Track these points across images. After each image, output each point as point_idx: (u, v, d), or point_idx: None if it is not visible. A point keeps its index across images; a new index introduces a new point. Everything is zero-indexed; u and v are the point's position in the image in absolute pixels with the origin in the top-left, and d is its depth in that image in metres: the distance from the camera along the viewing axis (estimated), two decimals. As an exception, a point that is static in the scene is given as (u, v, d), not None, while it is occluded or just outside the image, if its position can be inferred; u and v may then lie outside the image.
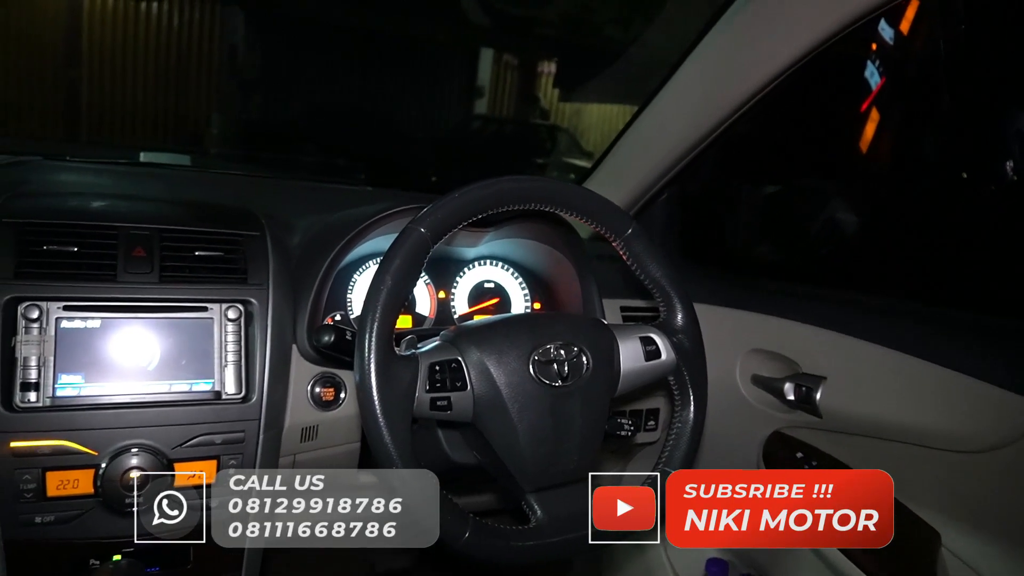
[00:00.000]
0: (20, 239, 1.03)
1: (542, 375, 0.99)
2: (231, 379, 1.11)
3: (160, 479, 1.04)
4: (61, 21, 5.33)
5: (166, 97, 5.51)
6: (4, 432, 0.98)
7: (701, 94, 1.44)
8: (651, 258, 1.10)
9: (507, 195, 1.00)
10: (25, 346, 1.01)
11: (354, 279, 1.34)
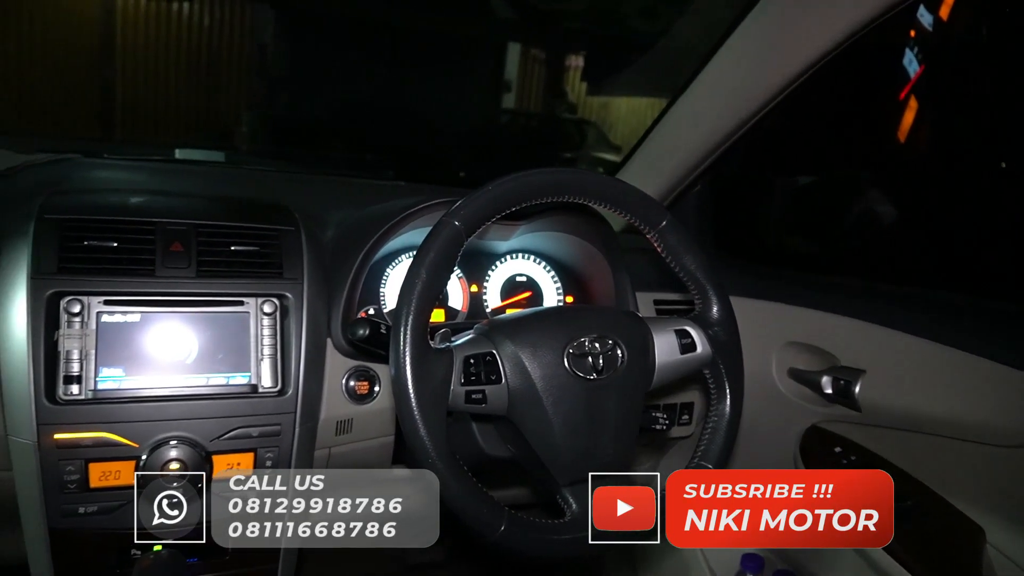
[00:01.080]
0: (62, 235, 1.05)
1: (577, 368, 0.98)
2: (267, 373, 1.12)
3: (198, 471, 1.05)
4: (95, 22, 5.42)
5: (198, 95, 5.58)
6: (48, 424, 1.00)
7: (735, 83, 1.42)
8: (686, 250, 1.09)
9: (540, 187, 0.99)
10: (67, 340, 1.03)
11: (387, 273, 1.34)
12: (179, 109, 5.43)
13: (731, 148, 1.50)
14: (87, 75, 5.30)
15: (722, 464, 1.09)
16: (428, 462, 0.89)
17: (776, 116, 1.45)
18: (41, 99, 5.06)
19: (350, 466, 1.26)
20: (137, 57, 5.46)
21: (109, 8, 5.47)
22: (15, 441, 1.00)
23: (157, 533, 1.06)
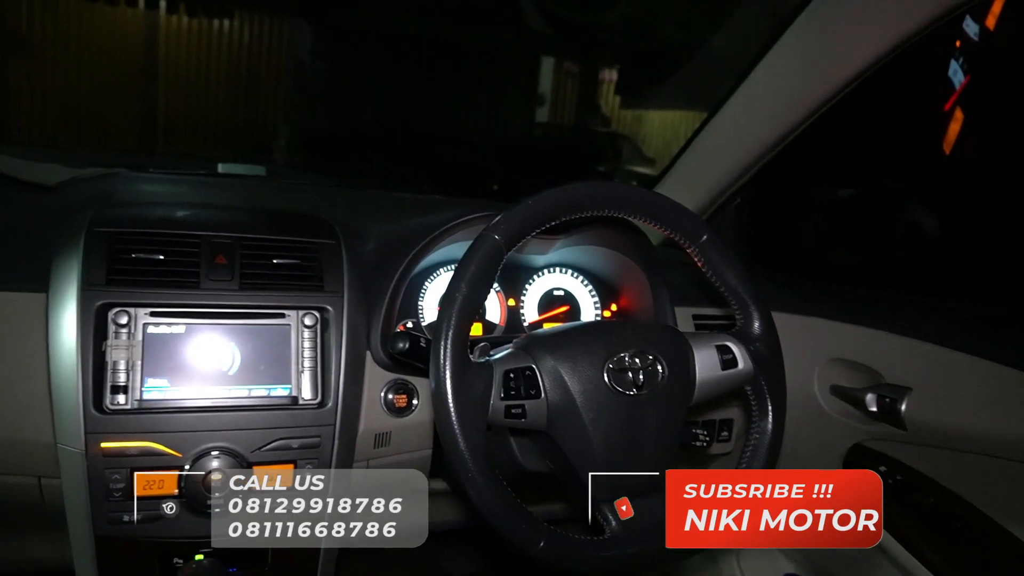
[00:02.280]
0: (111, 247, 1.07)
1: (617, 383, 0.97)
2: (307, 385, 1.13)
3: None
4: (139, 40, 5.57)
5: (239, 110, 5.70)
6: (95, 433, 1.01)
7: (777, 96, 1.41)
8: (727, 264, 1.08)
9: (580, 201, 0.99)
10: (115, 351, 1.04)
11: (425, 286, 1.35)
12: (221, 124, 5.55)
13: (772, 160, 1.48)
14: (132, 92, 5.44)
15: (764, 483, 1.07)
16: (468, 476, 0.89)
17: (816, 127, 1.43)
18: (89, 115, 5.21)
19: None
20: (179, 73, 5.60)
21: (152, 26, 5.62)
22: (64, 449, 1.02)
23: (199, 543, 1.08)
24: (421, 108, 5.50)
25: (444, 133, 5.33)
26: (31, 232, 1.16)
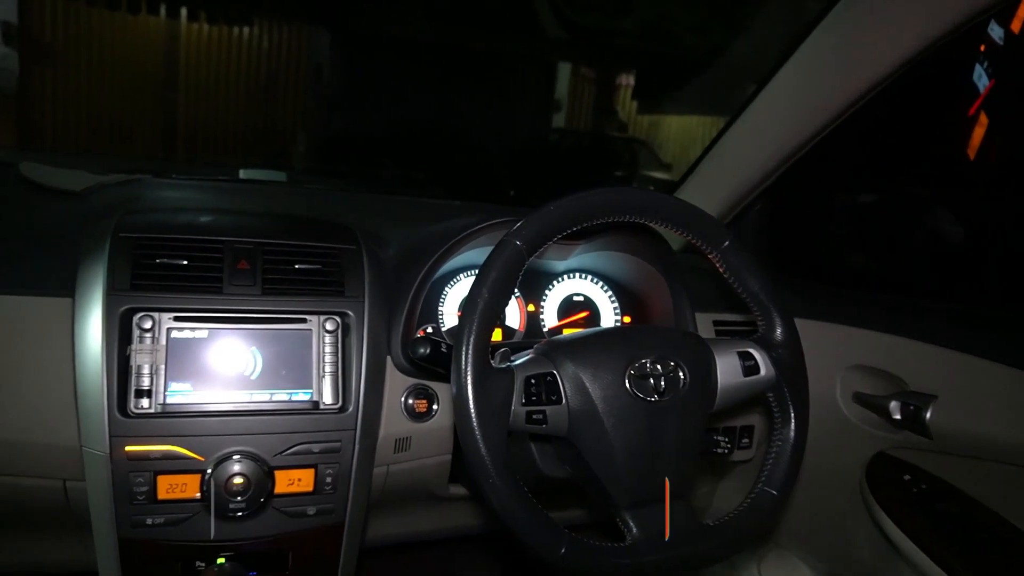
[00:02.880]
0: (136, 253, 1.08)
1: (638, 389, 0.97)
2: (328, 389, 1.13)
3: (260, 485, 1.07)
4: (161, 50, 5.64)
5: (259, 117, 5.76)
6: (120, 436, 1.02)
7: (800, 101, 1.40)
8: (749, 270, 1.07)
9: (601, 207, 0.99)
10: (139, 355, 1.05)
11: (445, 292, 1.35)
12: (241, 131, 5.61)
13: (794, 165, 1.48)
14: (155, 99, 5.52)
15: (787, 490, 1.07)
16: (488, 482, 0.89)
17: (836, 131, 1.42)
18: (113, 123, 5.29)
19: (408, 484, 1.26)
20: (200, 81, 5.67)
21: (173, 35, 5.70)
22: (89, 452, 1.03)
23: (220, 546, 1.09)
24: (438, 114, 5.53)
25: (461, 139, 5.35)
26: (58, 237, 1.17)
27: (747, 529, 1.04)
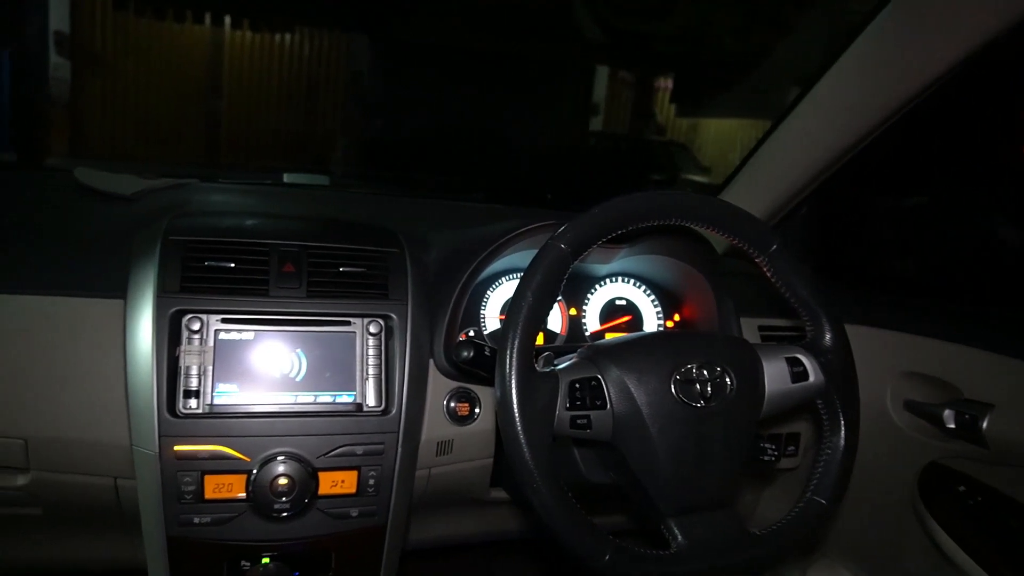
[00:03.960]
0: (185, 255, 1.10)
1: (684, 395, 0.96)
2: (372, 392, 1.14)
3: (305, 486, 1.08)
4: (206, 57, 5.77)
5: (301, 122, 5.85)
6: (169, 436, 1.04)
7: (849, 102, 1.37)
8: (797, 275, 1.05)
9: (648, 210, 0.98)
10: (187, 356, 1.07)
11: (487, 295, 1.35)
12: (284, 136, 5.70)
13: (842, 168, 1.44)
14: (201, 106, 5.64)
15: (837, 499, 1.04)
16: (533, 487, 0.88)
17: (885, 131, 1.38)
18: (161, 129, 5.42)
19: (450, 487, 1.26)
20: (245, 88, 5.79)
21: (218, 42, 5.82)
22: (139, 451, 1.05)
23: (265, 546, 1.10)
24: (476, 119, 5.55)
25: (499, 143, 5.36)
26: (110, 240, 1.20)
27: (795, 538, 1.02)
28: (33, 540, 1.30)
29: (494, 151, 5.30)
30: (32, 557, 1.32)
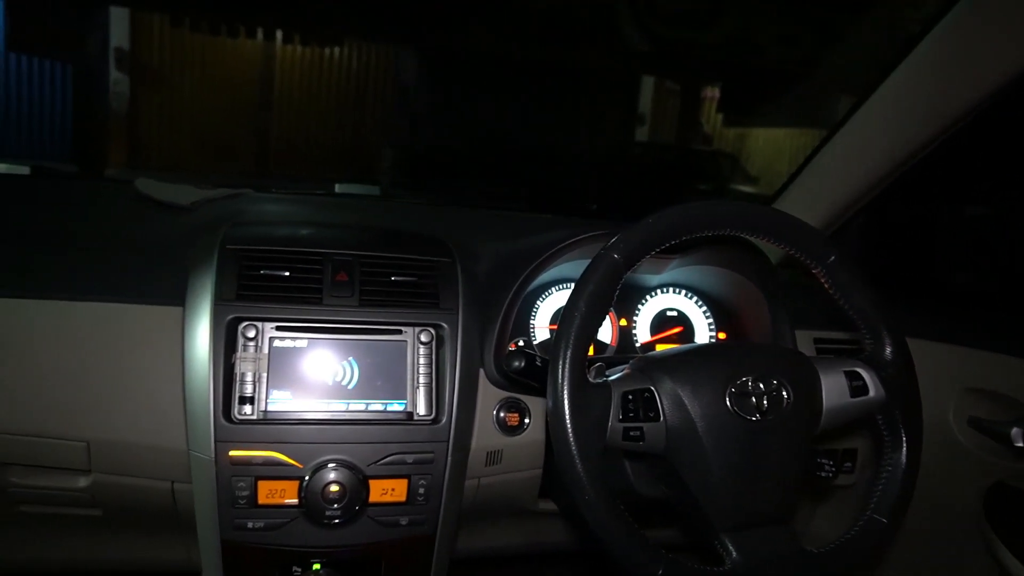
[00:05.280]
0: (241, 264, 1.12)
1: (739, 408, 0.94)
2: (422, 401, 1.14)
3: (356, 494, 1.08)
4: (259, 71, 5.91)
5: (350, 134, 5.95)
6: (224, 441, 1.05)
7: (913, 107, 1.33)
8: (857, 286, 1.02)
9: (702, 220, 0.97)
10: (243, 363, 1.09)
11: (537, 305, 1.34)
12: (335, 147, 5.81)
13: (901, 176, 1.41)
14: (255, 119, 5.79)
15: (898, 518, 1.01)
16: (584, 499, 0.88)
17: (950, 138, 1.34)
18: (217, 141, 5.57)
19: (498, 498, 1.26)
20: (296, 101, 5.91)
21: (270, 57, 5.96)
22: (195, 456, 1.07)
23: (316, 552, 1.11)
24: (523, 129, 5.58)
25: (545, 153, 5.37)
26: (169, 248, 1.23)
27: (854, 558, 0.99)
28: (93, 540, 1.33)
29: (540, 161, 5.31)
30: (91, 557, 1.35)
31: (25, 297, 1.10)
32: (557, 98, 5.98)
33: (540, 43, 5.62)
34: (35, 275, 1.15)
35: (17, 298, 1.10)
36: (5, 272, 1.14)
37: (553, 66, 5.83)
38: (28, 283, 1.12)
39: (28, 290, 1.11)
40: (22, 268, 1.16)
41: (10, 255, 1.19)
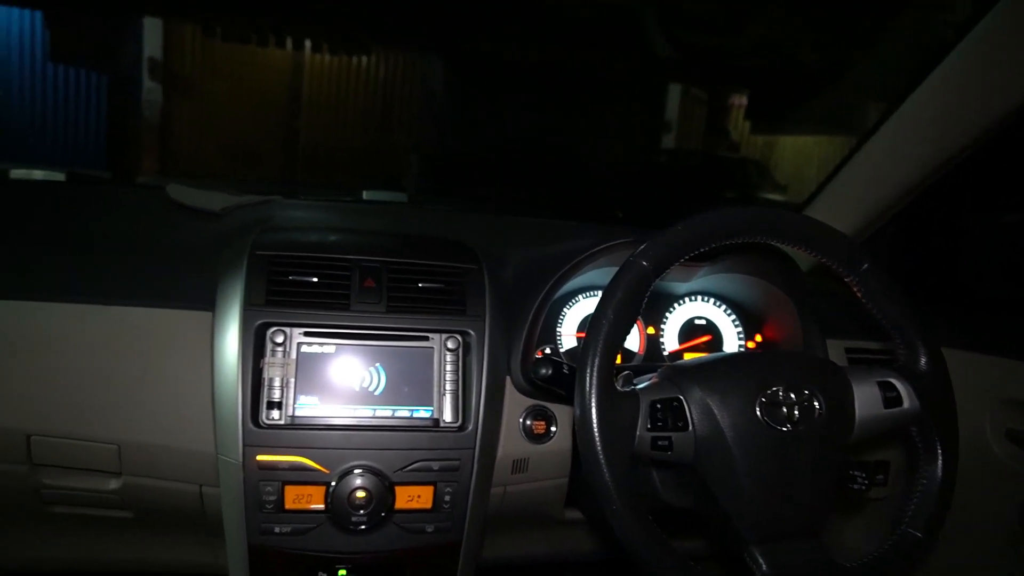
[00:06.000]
0: (270, 269, 1.13)
1: (770, 418, 0.93)
2: (448, 408, 1.14)
3: (382, 500, 1.08)
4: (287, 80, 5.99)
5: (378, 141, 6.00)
6: (252, 446, 1.06)
7: (948, 113, 1.30)
8: (891, 295, 1.01)
9: (733, 227, 0.96)
10: (271, 368, 1.10)
11: (564, 313, 1.34)
12: (362, 154, 5.86)
13: (935, 183, 1.38)
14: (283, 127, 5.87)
15: (934, 533, 0.99)
16: (612, 509, 0.87)
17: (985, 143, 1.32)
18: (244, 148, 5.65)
19: (524, 506, 1.25)
20: (324, 108, 5.98)
21: (298, 66, 6.04)
22: (224, 460, 1.08)
23: (341, 558, 1.11)
24: (549, 136, 5.57)
25: (571, 161, 5.36)
26: (199, 254, 1.24)
27: (888, 573, 0.97)
28: (123, 542, 1.35)
29: (566, 169, 5.30)
30: (121, 558, 1.37)
31: (59, 301, 1.12)
32: (583, 105, 5.97)
33: (567, 50, 5.62)
34: (69, 279, 1.16)
35: (51, 301, 1.12)
36: (40, 276, 1.16)
37: (579, 73, 5.82)
38: (62, 287, 1.14)
39: (62, 294, 1.13)
40: (56, 272, 1.18)
41: (45, 259, 1.21)
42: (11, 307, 1.11)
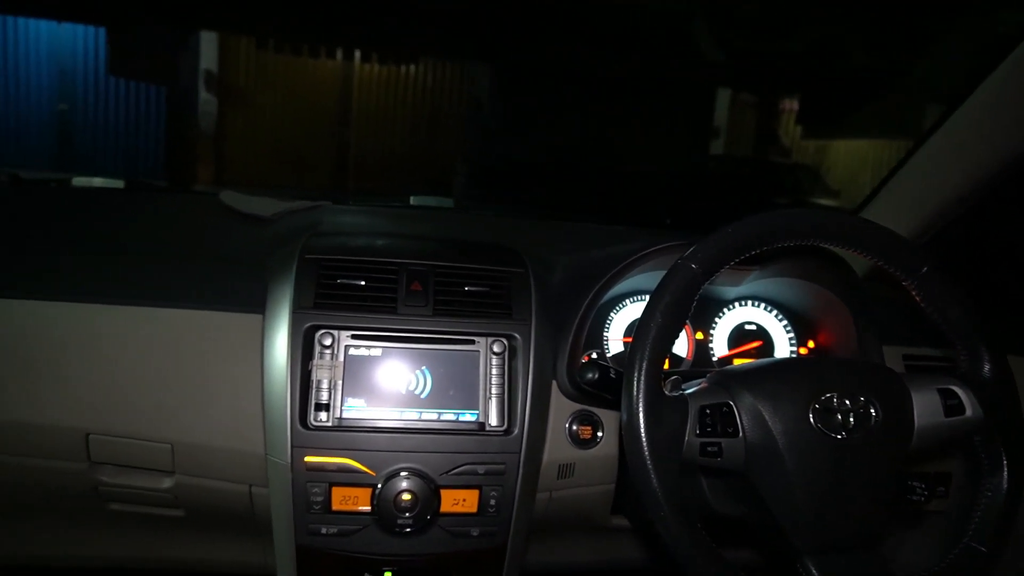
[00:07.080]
0: (319, 273, 1.14)
1: (824, 425, 0.90)
2: (494, 411, 1.13)
3: (427, 503, 1.08)
4: (337, 90, 6.11)
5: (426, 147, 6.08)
6: (300, 447, 1.07)
7: (1009, 114, 1.26)
8: (952, 300, 0.97)
9: (784, 229, 0.94)
10: (319, 370, 1.11)
11: (611, 317, 1.32)
12: (410, 160, 5.94)
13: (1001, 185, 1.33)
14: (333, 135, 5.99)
15: (999, 548, 0.94)
16: (660, 516, 0.85)
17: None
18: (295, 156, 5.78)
19: (570, 512, 1.24)
20: (373, 117, 6.09)
21: (348, 75, 6.15)
22: (273, 461, 1.10)
23: (387, 560, 1.11)
24: (596, 142, 5.56)
25: (619, 166, 5.34)
26: (251, 258, 1.27)
27: None
28: (174, 540, 1.38)
29: (613, 174, 5.28)
30: (172, 555, 1.40)
31: (115, 303, 1.15)
32: (631, 110, 5.94)
33: (614, 55, 5.60)
34: (125, 282, 1.20)
35: (108, 304, 1.15)
36: (99, 279, 1.20)
37: (627, 78, 5.80)
38: (119, 290, 1.17)
39: (119, 296, 1.16)
40: (114, 276, 1.21)
41: (104, 263, 1.25)
42: (71, 310, 1.15)
